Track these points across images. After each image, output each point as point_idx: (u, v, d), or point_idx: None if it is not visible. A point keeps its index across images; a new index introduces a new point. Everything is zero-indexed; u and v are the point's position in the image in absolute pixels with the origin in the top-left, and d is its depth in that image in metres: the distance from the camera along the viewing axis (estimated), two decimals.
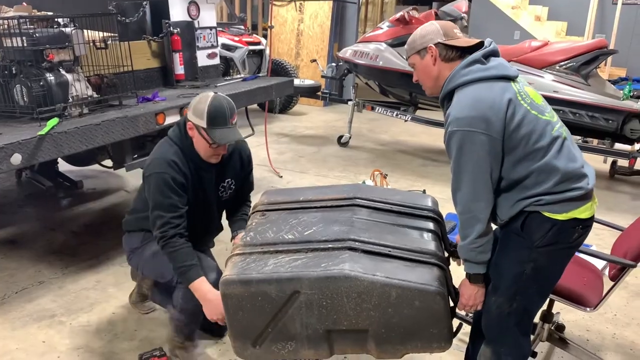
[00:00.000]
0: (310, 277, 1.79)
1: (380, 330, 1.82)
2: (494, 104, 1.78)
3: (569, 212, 1.81)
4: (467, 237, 1.86)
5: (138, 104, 3.32)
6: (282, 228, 2.03)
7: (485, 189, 1.82)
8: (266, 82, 4.32)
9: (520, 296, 1.92)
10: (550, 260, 1.90)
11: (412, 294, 1.76)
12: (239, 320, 1.88)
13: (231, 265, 1.90)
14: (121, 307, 2.97)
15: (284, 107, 8.12)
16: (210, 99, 2.24)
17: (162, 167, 2.24)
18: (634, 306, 3.08)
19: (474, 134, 1.76)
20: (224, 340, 2.69)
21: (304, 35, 8.75)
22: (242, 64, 7.07)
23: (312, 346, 1.89)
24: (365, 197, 2.13)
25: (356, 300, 1.78)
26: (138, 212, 2.49)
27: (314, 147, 6.36)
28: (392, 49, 5.59)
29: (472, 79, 1.83)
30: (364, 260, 1.82)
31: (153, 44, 3.93)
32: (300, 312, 1.83)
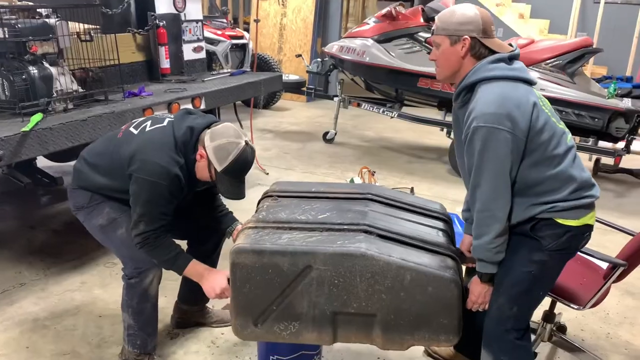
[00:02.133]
0: (326, 252, 1.77)
1: (390, 316, 1.80)
2: (520, 104, 1.75)
3: (580, 218, 1.83)
4: (484, 235, 1.82)
5: (124, 99, 3.21)
6: (295, 211, 2.01)
7: (505, 187, 1.79)
8: (255, 77, 4.24)
9: (522, 299, 1.91)
10: (557, 264, 1.91)
11: (427, 278, 1.75)
12: (245, 294, 1.84)
13: (243, 237, 1.87)
14: (109, 310, 2.86)
15: (267, 103, 8.02)
16: (239, 151, 2.10)
17: (163, 178, 2.07)
18: (625, 305, 3.10)
19: (500, 132, 1.72)
20: (216, 344, 2.62)
21: (286, 29, 8.65)
22: (225, 58, 6.94)
23: (316, 329, 1.85)
24: (378, 193, 2.12)
25: (369, 281, 1.76)
26: (96, 170, 2.26)
27: (299, 143, 6.28)
28: (379, 44, 5.53)
29: (498, 75, 1.80)
30: (379, 242, 1.82)
31: (138, 37, 3.82)
32: (310, 289, 1.80)
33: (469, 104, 1.84)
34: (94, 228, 2.32)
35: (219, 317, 2.76)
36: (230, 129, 2.16)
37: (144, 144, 2.15)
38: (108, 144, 2.30)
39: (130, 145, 2.16)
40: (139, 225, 2.11)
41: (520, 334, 1.95)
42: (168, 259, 2.16)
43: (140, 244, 2.12)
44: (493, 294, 1.95)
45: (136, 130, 2.23)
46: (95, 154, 2.32)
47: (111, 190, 2.26)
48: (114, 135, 2.32)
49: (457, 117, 1.98)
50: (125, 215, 2.25)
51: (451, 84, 2.01)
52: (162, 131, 2.20)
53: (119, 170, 2.18)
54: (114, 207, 2.28)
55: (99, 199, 2.28)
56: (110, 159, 2.24)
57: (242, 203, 2.29)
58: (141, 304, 2.26)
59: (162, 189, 2.08)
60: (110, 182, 2.24)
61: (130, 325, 2.30)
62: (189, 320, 2.71)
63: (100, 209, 2.28)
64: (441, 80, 2.00)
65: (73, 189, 2.35)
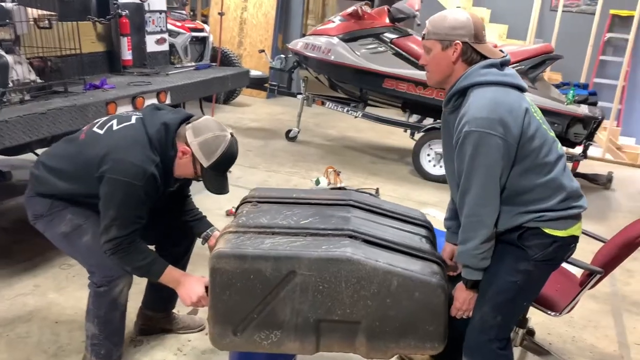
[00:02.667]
0: (311, 257, 1.71)
1: (375, 323, 1.76)
2: (512, 110, 1.72)
3: (567, 229, 1.83)
4: (470, 241, 1.80)
5: (85, 91, 3.03)
6: (276, 216, 1.94)
7: (494, 194, 1.77)
8: (221, 72, 4.12)
9: (506, 309, 1.90)
10: (543, 274, 1.92)
11: (414, 284, 1.72)
12: (224, 301, 1.76)
13: (224, 241, 1.80)
14: (65, 315, 2.69)
15: (227, 98, 7.84)
16: (227, 144, 2.04)
17: (138, 179, 1.95)
18: (589, 309, 3.17)
19: (492, 137, 1.70)
20: (183, 352, 2.50)
21: (247, 23, 8.49)
22: (185, 51, 6.73)
23: (298, 337, 1.79)
24: (360, 200, 2.09)
25: (355, 287, 1.72)
26: (57, 175, 2.11)
27: (261, 140, 6.17)
28: (344, 43, 5.49)
29: (490, 80, 1.77)
30: (364, 247, 1.78)
31: (99, 25, 3.62)
32: (293, 295, 1.74)
33: (460, 109, 1.81)
34: (56, 237, 2.16)
35: (185, 323, 2.64)
36: (212, 122, 2.07)
37: (115, 143, 2.02)
38: (69, 147, 2.16)
39: (99, 146, 2.03)
40: (110, 230, 1.97)
41: (503, 343, 1.93)
42: (143, 265, 2.04)
43: (112, 251, 1.99)
44: (477, 303, 1.93)
45: (101, 130, 2.10)
46: (55, 158, 2.17)
47: (74, 195, 2.12)
48: (75, 137, 2.18)
49: (447, 122, 1.95)
50: (90, 221, 2.12)
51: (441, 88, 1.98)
52: (133, 129, 2.07)
53: (84, 173, 2.04)
54: (77, 214, 2.14)
55: (60, 206, 2.13)
56: (73, 162, 2.10)
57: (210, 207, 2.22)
58: (109, 313, 2.12)
59: (137, 190, 1.96)
60: (73, 187, 2.10)
61: (95, 334, 2.16)
62: (153, 326, 2.58)
63: (62, 216, 2.13)
64: (432, 85, 1.97)
65: (30, 196, 2.18)
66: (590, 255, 2.33)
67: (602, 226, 4.34)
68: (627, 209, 4.99)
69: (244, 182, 4.57)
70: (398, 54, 5.30)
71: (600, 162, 6.54)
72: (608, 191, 5.47)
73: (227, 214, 3.81)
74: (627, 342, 2.89)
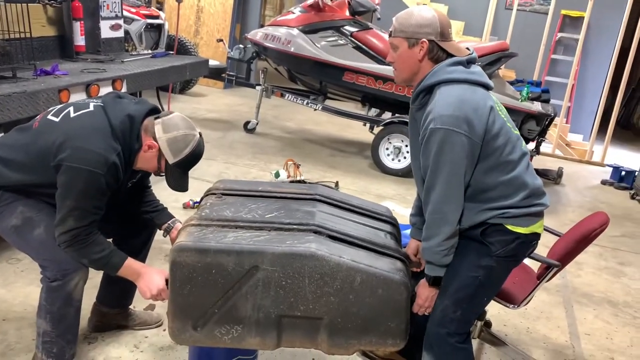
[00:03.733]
0: (275, 252, 1.69)
1: (337, 319, 1.75)
2: (477, 108, 1.73)
3: (529, 226, 1.86)
4: (433, 237, 1.82)
5: (36, 77, 2.88)
6: (240, 209, 1.90)
7: (458, 191, 1.79)
8: (179, 61, 4.00)
9: (467, 303, 1.93)
10: (504, 271, 1.95)
11: (377, 281, 1.72)
12: (184, 296, 1.72)
13: (185, 234, 1.75)
14: (13, 312, 2.56)
15: (183, 88, 7.68)
16: (195, 143, 2.02)
17: (99, 167, 1.87)
18: (542, 300, 3.26)
19: (456, 134, 1.71)
20: (140, 348, 2.43)
21: (204, 12, 8.32)
22: (139, 38, 6.56)
23: (259, 333, 1.77)
24: (326, 195, 2.07)
25: (318, 283, 1.70)
26: (8, 165, 2.01)
27: (218, 132, 6.06)
28: (304, 35, 5.45)
29: (457, 78, 1.78)
30: (329, 243, 1.77)
31: (49, 9, 3.45)
32: (255, 290, 1.71)
33: (427, 106, 1.81)
34: (5, 230, 2.05)
35: (141, 319, 2.56)
36: (182, 120, 2.03)
37: (74, 131, 1.92)
38: (21, 136, 2.05)
39: (55, 134, 1.92)
40: (66, 221, 1.88)
41: (462, 337, 1.96)
42: (100, 257, 1.96)
43: (68, 243, 1.89)
44: (438, 297, 1.95)
45: (57, 118, 2.00)
46: (5, 148, 2.04)
47: (27, 186, 2.01)
48: (28, 126, 2.07)
49: (414, 119, 1.95)
50: (42, 213, 2.02)
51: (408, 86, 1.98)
52: (93, 116, 1.99)
53: (38, 162, 1.94)
54: (29, 205, 2.03)
55: (11, 198, 2.02)
56: (25, 152, 1.99)
57: (167, 199, 2.18)
58: (63, 309, 2.02)
59: (98, 179, 1.88)
60: (26, 178, 1.99)
61: (47, 331, 2.06)
62: (108, 323, 2.49)
63: (12, 209, 2.01)
64: (399, 82, 1.97)
65: None
66: (542, 248, 2.38)
67: (553, 220, 4.48)
68: (576, 204, 5.17)
69: (200, 174, 4.48)
70: (358, 47, 5.30)
71: (551, 158, 6.76)
72: (558, 186, 5.67)
73: (184, 206, 3.72)
74: (578, 332, 2.99)
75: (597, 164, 6.79)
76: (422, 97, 1.86)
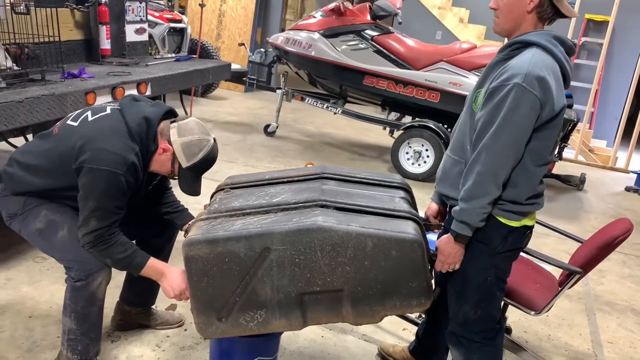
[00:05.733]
0: (282, 230, 1.69)
1: (357, 288, 1.73)
2: (560, 88, 1.71)
3: (521, 220, 1.84)
4: (478, 198, 1.74)
5: (63, 80, 2.95)
6: (248, 198, 1.91)
7: (516, 156, 1.73)
8: (202, 64, 4.05)
9: (484, 302, 1.94)
10: (508, 264, 1.94)
11: (389, 242, 1.69)
12: (204, 289, 1.74)
13: (195, 229, 1.77)
14: (39, 310, 2.62)
15: (204, 91, 7.76)
16: (209, 148, 2.06)
17: (119, 167, 1.92)
18: (563, 307, 3.23)
19: (535, 99, 1.65)
20: (162, 348, 2.46)
21: (226, 16, 8.40)
22: (162, 42, 6.65)
23: (283, 314, 1.77)
24: (334, 172, 2.05)
25: (331, 254, 1.69)
26: (31, 171, 2.06)
27: (239, 135, 6.11)
28: (325, 39, 5.48)
29: (555, 53, 1.73)
30: (336, 214, 1.75)
31: (77, 13, 3.53)
32: (271, 272, 1.72)
33: (511, 60, 1.74)
34: (31, 235, 2.10)
35: (164, 319, 2.60)
36: (197, 125, 2.07)
37: (92, 133, 1.98)
38: (43, 143, 2.11)
39: (74, 137, 1.98)
40: (89, 221, 1.93)
41: (490, 334, 1.97)
42: (124, 257, 1.99)
43: (91, 243, 1.94)
44: (457, 303, 1.96)
45: (76, 122, 2.06)
46: (28, 155, 2.11)
47: (49, 190, 2.07)
48: (49, 133, 2.13)
49: (488, 72, 1.84)
50: (65, 216, 2.07)
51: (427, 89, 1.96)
52: (110, 118, 2.04)
53: (60, 166, 2.00)
54: (52, 209, 2.09)
55: (35, 202, 2.08)
56: (47, 157, 2.05)
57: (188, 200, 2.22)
58: (87, 308, 2.07)
59: (117, 179, 1.92)
60: (48, 182, 2.05)
61: (72, 329, 2.11)
62: (131, 322, 2.53)
63: (36, 213, 2.08)
64: (498, 32, 1.84)
65: (4, 196, 2.12)
66: (563, 254, 2.37)
67: (575, 226, 4.43)
68: (598, 210, 5.10)
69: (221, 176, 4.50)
70: (379, 51, 5.31)
71: (573, 164, 6.68)
72: (580, 192, 5.59)
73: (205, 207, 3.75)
74: (600, 340, 2.95)
75: (621, 170, 6.69)
76: (513, 49, 1.78)
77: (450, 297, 1.99)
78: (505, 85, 1.68)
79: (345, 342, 2.62)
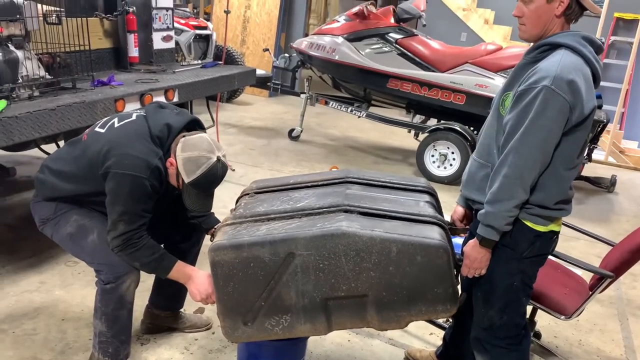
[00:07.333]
0: (306, 236, 1.70)
1: (382, 293, 1.73)
2: (590, 90, 1.69)
3: (548, 225, 1.81)
4: (504, 201, 1.73)
5: (94, 87, 3.01)
6: (273, 203, 1.93)
7: (543, 161, 1.71)
8: (228, 70, 4.09)
9: (510, 308, 1.92)
10: (535, 269, 1.92)
11: (414, 248, 1.68)
12: (230, 293, 1.77)
13: (221, 234, 1.80)
14: (71, 312, 2.68)
15: (230, 96, 7.83)
16: (208, 166, 2.02)
17: (143, 171, 1.96)
18: (594, 311, 3.16)
19: (564, 102, 1.64)
20: (190, 351, 2.49)
21: (250, 22, 8.47)
22: (188, 49, 6.72)
23: (308, 319, 1.77)
24: (358, 176, 2.06)
25: (355, 260, 1.69)
26: (62, 177, 2.13)
27: (264, 139, 6.16)
28: (349, 43, 5.48)
29: (584, 54, 1.71)
30: (360, 219, 1.75)
31: (106, 22, 3.61)
32: (295, 277, 1.73)
33: (539, 62, 1.72)
34: (63, 239, 2.17)
35: (192, 322, 2.63)
36: (204, 142, 2.06)
37: (117, 139, 2.04)
38: (72, 149, 2.18)
39: (101, 143, 2.04)
40: (118, 225, 1.97)
41: (516, 340, 1.95)
42: (152, 260, 2.04)
43: (121, 247, 1.98)
44: (482, 308, 1.94)
45: (103, 129, 2.12)
46: (59, 161, 2.18)
47: (80, 196, 2.14)
48: (78, 140, 2.20)
49: (516, 74, 1.83)
50: (95, 220, 2.13)
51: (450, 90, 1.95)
52: (135, 124, 2.10)
53: (88, 172, 2.06)
54: (82, 214, 2.15)
55: (65, 208, 2.15)
56: (76, 164, 2.11)
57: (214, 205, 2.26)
58: (117, 310, 2.11)
59: (142, 183, 1.97)
60: (78, 187, 2.11)
61: (102, 332, 2.15)
62: (160, 325, 2.57)
63: (67, 218, 2.14)
64: (526, 39, 1.81)
65: (36, 202, 2.20)
66: (593, 258, 2.33)
67: (606, 229, 4.34)
68: (630, 213, 4.99)
69: (247, 181, 4.56)
70: (403, 54, 5.30)
71: (604, 166, 6.54)
72: (611, 194, 5.48)
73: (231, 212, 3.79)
74: (634, 346, 2.88)
75: None
76: (541, 51, 1.76)
77: (475, 302, 1.97)
78: (533, 88, 1.67)
79: (371, 347, 2.61)
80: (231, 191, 2.25)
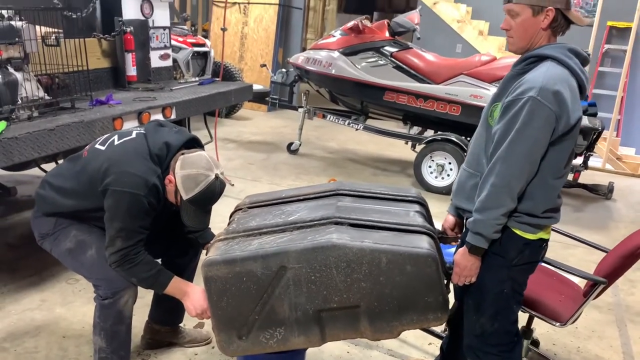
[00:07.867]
0: (297, 249, 1.72)
1: (373, 304, 1.75)
2: (576, 101, 1.72)
3: (537, 233, 1.84)
4: (492, 210, 1.76)
5: (92, 107, 3.06)
6: (265, 217, 1.96)
7: (530, 171, 1.74)
8: (225, 87, 4.15)
9: (501, 315, 1.94)
10: (525, 276, 1.94)
11: (403, 258, 1.71)
12: (224, 308, 1.79)
13: (213, 249, 1.83)
14: (72, 330, 2.71)
15: (229, 112, 7.90)
16: (206, 184, 2.05)
17: (141, 189, 2.00)
18: (592, 318, 3.18)
19: (550, 112, 1.67)
20: None
21: (248, 38, 8.56)
22: (186, 66, 6.80)
23: (302, 331, 1.80)
24: (349, 188, 2.09)
25: (346, 271, 1.72)
26: (62, 193, 2.17)
27: (262, 153, 6.20)
28: (345, 57, 5.55)
29: (570, 66, 1.74)
30: (350, 231, 1.78)
31: (103, 42, 3.67)
32: (288, 290, 1.76)
33: (526, 74, 1.76)
34: (62, 254, 2.21)
35: (192, 337, 2.65)
36: (203, 159, 2.09)
37: (116, 157, 2.08)
38: (72, 165, 2.22)
39: (101, 160, 2.08)
40: (115, 242, 2.01)
41: (508, 347, 1.97)
42: (149, 276, 2.07)
43: (118, 262, 2.02)
44: (473, 315, 1.97)
45: (103, 146, 2.16)
46: (59, 177, 2.23)
47: (79, 211, 2.17)
48: (78, 156, 2.24)
49: (504, 86, 1.87)
50: (93, 236, 2.17)
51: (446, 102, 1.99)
52: (134, 142, 2.14)
53: (88, 188, 2.10)
54: (81, 229, 2.19)
55: (65, 223, 2.19)
56: (76, 180, 2.15)
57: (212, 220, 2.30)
58: (115, 326, 2.14)
59: (140, 200, 2.00)
60: (78, 203, 2.16)
61: (102, 348, 2.18)
62: (160, 340, 2.60)
63: (66, 233, 2.18)
64: (513, 51, 1.86)
65: (36, 217, 2.24)
66: (591, 265, 2.35)
67: (603, 236, 4.36)
68: (628, 219, 5.01)
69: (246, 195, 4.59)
70: (398, 67, 5.36)
71: (601, 173, 6.57)
72: (609, 201, 5.50)
73: None
74: (632, 352, 2.89)
75: None
76: (528, 63, 1.80)
77: (467, 310, 1.99)
78: (520, 99, 1.71)
79: (370, 358, 2.63)
80: (230, 206, 2.28)
